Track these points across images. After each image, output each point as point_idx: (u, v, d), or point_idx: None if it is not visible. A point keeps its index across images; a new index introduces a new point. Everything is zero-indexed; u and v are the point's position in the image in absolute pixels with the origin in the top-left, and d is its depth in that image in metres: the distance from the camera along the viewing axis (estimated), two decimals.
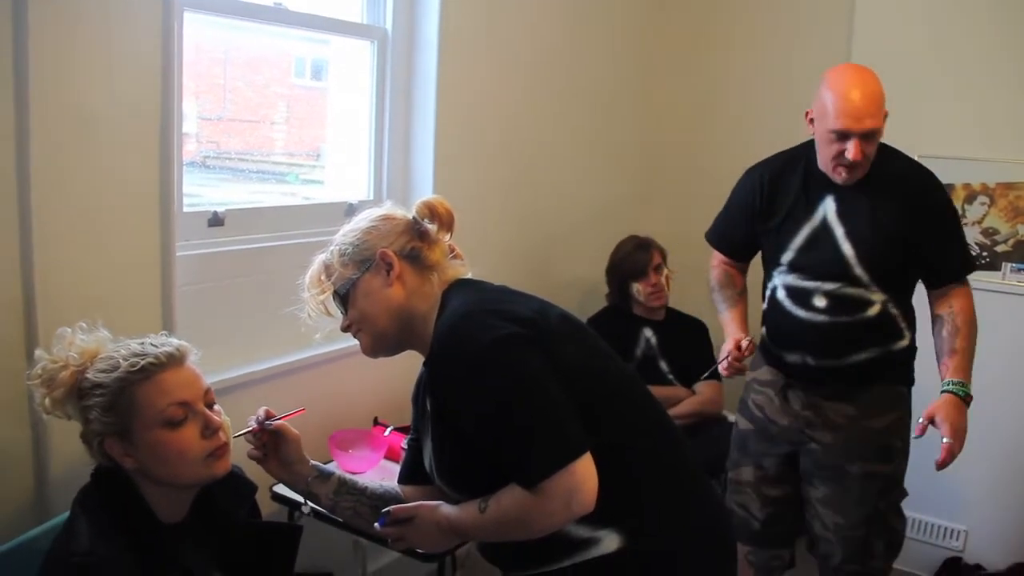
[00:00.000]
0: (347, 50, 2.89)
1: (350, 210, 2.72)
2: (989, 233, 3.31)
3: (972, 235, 3.31)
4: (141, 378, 1.45)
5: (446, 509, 1.53)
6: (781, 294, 2.42)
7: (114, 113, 1.96)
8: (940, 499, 2.74)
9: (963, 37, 3.34)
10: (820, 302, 2.34)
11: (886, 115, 2.30)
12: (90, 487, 1.51)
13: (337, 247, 1.64)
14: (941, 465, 2.11)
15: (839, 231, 2.32)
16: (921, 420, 2.17)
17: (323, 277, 1.64)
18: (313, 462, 1.70)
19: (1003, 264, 3.29)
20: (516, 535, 1.48)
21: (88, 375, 1.48)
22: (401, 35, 2.86)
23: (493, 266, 1.71)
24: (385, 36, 2.83)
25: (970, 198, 3.33)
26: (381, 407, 2.80)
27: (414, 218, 1.64)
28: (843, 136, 2.23)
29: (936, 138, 3.37)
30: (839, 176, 2.30)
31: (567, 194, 3.64)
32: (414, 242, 1.62)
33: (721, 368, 2.43)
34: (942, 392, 2.20)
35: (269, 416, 1.64)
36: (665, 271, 3.43)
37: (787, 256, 2.39)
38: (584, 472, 1.38)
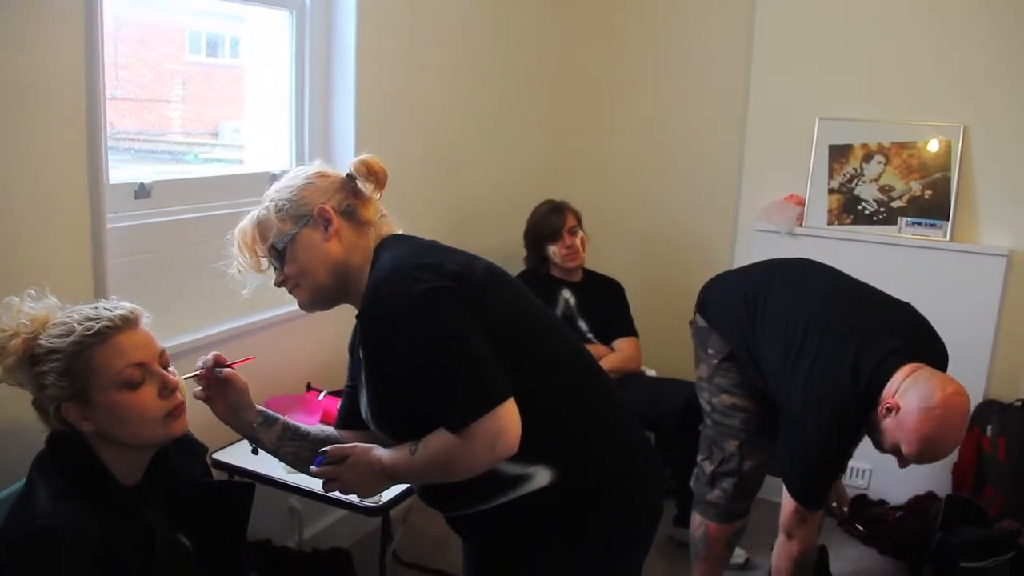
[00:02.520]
0: (255, 23, 2.87)
1: (274, 179, 2.72)
2: (886, 190, 3.50)
3: (870, 192, 3.51)
4: (97, 341, 1.47)
5: (379, 452, 1.58)
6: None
7: (39, 85, 1.94)
8: None
9: (861, 5, 3.52)
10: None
11: None
12: (45, 453, 1.52)
13: (272, 203, 1.65)
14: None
15: None
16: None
17: (257, 233, 1.66)
18: (259, 407, 1.74)
19: (899, 219, 3.49)
20: (445, 476, 1.54)
21: (41, 341, 1.48)
22: (319, 5, 2.87)
23: (412, 232, 1.75)
24: (303, 6, 2.83)
25: (867, 157, 3.52)
26: (314, 372, 2.84)
27: (349, 175, 1.68)
28: (903, 457, 2.19)
29: (836, 101, 3.57)
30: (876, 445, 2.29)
31: (484, 161, 3.71)
32: (349, 199, 1.66)
33: None
34: None
35: (219, 362, 1.67)
36: (580, 233, 3.53)
37: None
38: (507, 416, 1.44)
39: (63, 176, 2.04)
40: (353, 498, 1.98)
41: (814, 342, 2.30)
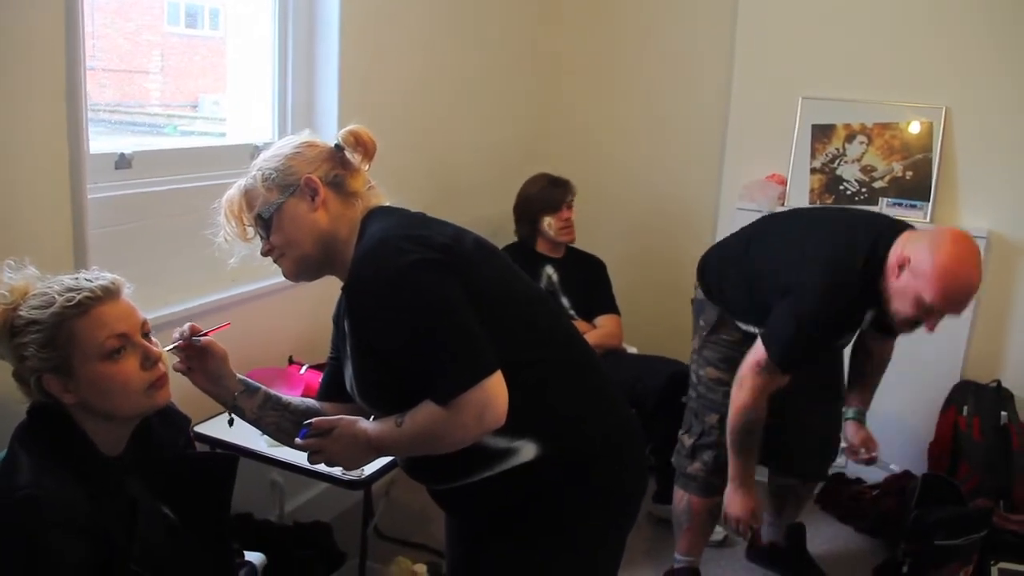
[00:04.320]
0: None
1: (256, 152, 2.69)
2: (867, 170, 3.52)
3: (852, 172, 3.52)
4: (78, 312, 1.45)
5: (365, 424, 1.58)
6: None
7: (17, 53, 1.91)
8: None
9: None
10: None
11: None
12: (26, 423, 1.51)
13: (260, 172, 1.63)
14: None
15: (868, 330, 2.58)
16: (857, 451, 2.69)
17: (244, 202, 1.64)
18: (240, 376, 1.72)
19: (880, 199, 3.51)
20: (431, 449, 1.54)
21: (21, 312, 1.46)
22: None
23: (398, 204, 1.74)
24: None
25: (850, 138, 3.53)
26: (296, 345, 2.83)
27: (337, 145, 1.66)
28: (930, 312, 2.19)
29: (819, 81, 3.57)
30: (901, 329, 2.40)
31: (471, 134, 3.70)
32: (337, 169, 1.64)
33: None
34: (852, 419, 2.72)
35: (195, 332, 1.66)
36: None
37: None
38: (495, 388, 1.44)
39: (42, 145, 2.00)
40: (335, 471, 1.99)
41: (811, 239, 2.41)
